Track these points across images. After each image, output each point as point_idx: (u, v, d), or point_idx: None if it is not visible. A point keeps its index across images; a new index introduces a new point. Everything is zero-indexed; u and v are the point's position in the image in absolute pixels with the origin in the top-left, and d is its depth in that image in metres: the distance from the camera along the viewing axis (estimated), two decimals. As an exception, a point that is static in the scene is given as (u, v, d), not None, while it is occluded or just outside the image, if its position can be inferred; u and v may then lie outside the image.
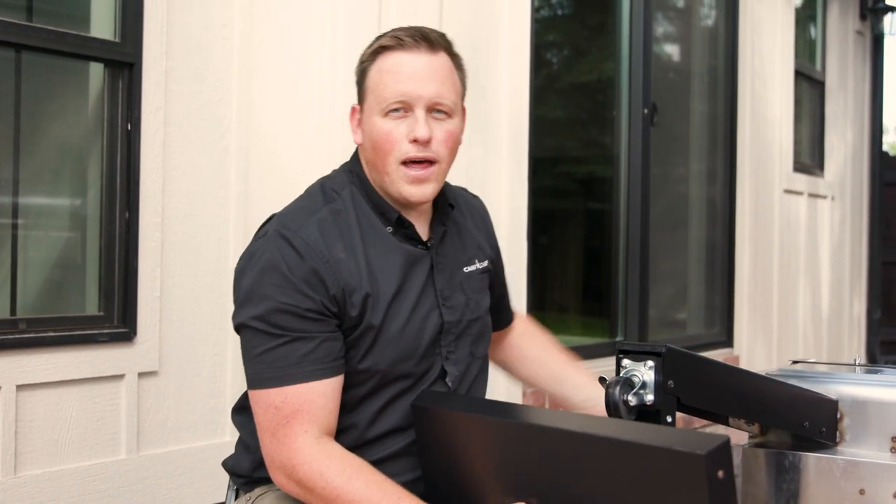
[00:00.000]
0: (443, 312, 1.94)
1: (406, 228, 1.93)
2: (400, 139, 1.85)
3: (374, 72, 1.89)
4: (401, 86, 1.85)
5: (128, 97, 3.01)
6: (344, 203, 1.91)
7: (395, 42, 1.87)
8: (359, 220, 1.90)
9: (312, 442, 1.77)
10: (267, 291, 1.79)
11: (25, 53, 2.87)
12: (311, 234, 1.83)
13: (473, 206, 2.15)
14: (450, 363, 1.95)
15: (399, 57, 1.87)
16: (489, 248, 2.13)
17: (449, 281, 1.97)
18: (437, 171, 1.90)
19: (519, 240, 4.10)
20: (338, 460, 1.77)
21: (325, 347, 1.80)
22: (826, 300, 7.31)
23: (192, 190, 3.16)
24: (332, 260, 1.81)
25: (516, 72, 4.09)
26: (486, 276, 2.09)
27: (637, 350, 1.79)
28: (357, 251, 1.85)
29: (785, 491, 2.06)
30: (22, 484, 2.76)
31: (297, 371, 1.77)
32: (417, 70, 1.86)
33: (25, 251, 2.93)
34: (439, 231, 1.98)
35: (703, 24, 6.22)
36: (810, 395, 2.05)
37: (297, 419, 1.77)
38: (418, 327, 1.90)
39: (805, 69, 7.10)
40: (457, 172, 3.75)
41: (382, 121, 1.86)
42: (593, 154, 5.71)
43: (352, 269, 1.83)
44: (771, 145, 6.33)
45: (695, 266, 6.12)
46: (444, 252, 1.99)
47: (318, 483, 1.75)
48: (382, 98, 1.86)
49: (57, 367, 2.83)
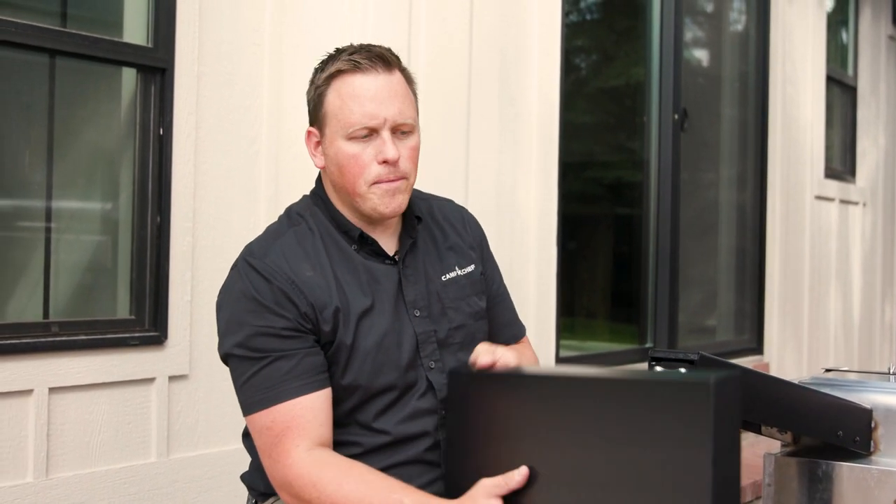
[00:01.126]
0: (415, 325, 1.94)
1: (370, 245, 1.95)
2: (369, 162, 1.89)
3: (333, 96, 1.90)
4: (365, 109, 1.87)
5: (160, 102, 3.03)
6: (308, 225, 1.95)
7: (350, 66, 1.89)
8: (324, 240, 1.94)
9: (304, 455, 1.79)
10: (243, 318, 1.85)
11: (59, 59, 2.89)
12: (275, 258, 1.88)
13: (454, 216, 2.14)
14: (434, 373, 1.95)
15: (357, 80, 1.89)
16: (477, 254, 2.11)
17: (424, 292, 1.98)
18: (406, 184, 1.94)
19: (548, 245, 4.09)
20: (329, 467, 1.78)
21: (306, 363, 1.83)
22: (857, 307, 7.25)
23: (223, 194, 3.17)
24: (297, 280, 1.85)
25: (546, 77, 4.09)
26: (475, 281, 2.07)
27: (670, 357, 1.78)
28: (325, 269, 1.89)
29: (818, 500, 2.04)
30: (53, 486, 2.78)
31: (282, 389, 1.81)
32: (378, 92, 1.88)
33: (58, 255, 2.95)
34: (406, 244, 1.99)
35: (734, 29, 6.19)
36: (844, 403, 2.03)
37: (287, 436, 1.80)
38: (394, 341, 1.91)
39: (836, 74, 7.05)
40: (487, 177, 3.77)
41: (348, 144, 1.89)
42: (623, 159, 5.69)
43: (321, 286, 1.87)
44: (802, 151, 6.29)
45: (724, 272, 6.09)
46: (415, 264, 2.00)
47: (312, 494, 1.77)
48: (348, 123, 1.88)
49: (88, 370, 2.85)
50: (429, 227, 2.07)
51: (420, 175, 2.03)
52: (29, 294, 2.89)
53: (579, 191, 5.45)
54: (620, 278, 5.67)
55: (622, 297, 5.60)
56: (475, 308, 2.04)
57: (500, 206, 3.82)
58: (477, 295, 2.06)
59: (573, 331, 5.22)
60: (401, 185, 1.92)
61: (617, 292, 5.70)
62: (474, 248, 2.11)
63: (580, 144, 5.28)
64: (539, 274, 4.01)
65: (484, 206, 3.68)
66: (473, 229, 2.15)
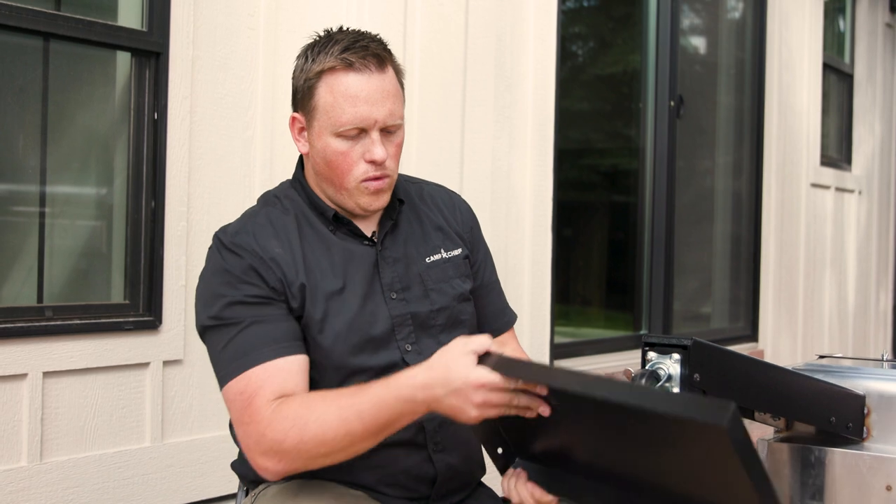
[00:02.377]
0: (390, 307, 1.94)
1: (347, 225, 1.97)
2: (357, 160, 1.90)
3: (325, 91, 1.90)
4: (357, 110, 1.88)
5: (154, 86, 3.02)
6: (283, 206, 1.98)
7: (344, 64, 1.89)
8: (297, 221, 1.96)
9: (273, 405, 1.75)
10: (217, 291, 1.86)
11: (53, 42, 2.88)
12: (244, 235, 1.90)
13: (443, 199, 2.14)
14: (412, 355, 1.94)
15: (351, 80, 1.89)
16: (466, 239, 2.11)
17: (404, 274, 1.98)
18: (390, 182, 1.96)
19: (544, 232, 4.09)
20: (295, 403, 1.74)
21: (280, 328, 1.83)
22: (852, 295, 7.26)
23: (218, 179, 3.17)
24: (265, 257, 1.87)
25: (542, 63, 4.08)
26: (460, 264, 2.07)
27: (663, 343, 1.78)
28: (293, 246, 1.91)
29: (810, 486, 2.04)
30: (48, 470, 2.78)
31: (256, 355, 1.79)
32: (371, 94, 1.88)
33: (52, 239, 2.95)
34: (387, 225, 2.00)
35: (731, 17, 6.18)
36: (837, 390, 2.03)
37: (258, 396, 1.77)
38: (366, 321, 1.91)
39: (833, 62, 7.04)
40: (482, 164, 3.76)
41: (336, 141, 1.90)
42: (619, 146, 5.69)
43: (288, 262, 1.88)
44: (798, 139, 6.29)
45: (720, 260, 6.09)
46: (395, 245, 2.00)
47: (287, 437, 1.72)
48: (338, 122, 1.89)
49: (82, 354, 2.85)
50: (415, 209, 2.07)
51: (415, 161, 2.04)
52: (23, 278, 2.89)
53: (575, 178, 5.44)
54: (615, 265, 5.67)
55: (617, 284, 5.61)
56: (459, 290, 2.04)
57: (496, 193, 3.82)
58: (461, 278, 2.05)
59: (568, 317, 5.23)
60: (386, 183, 1.94)
61: (612, 279, 5.70)
62: (462, 234, 2.11)
63: (576, 131, 5.27)
64: (534, 261, 4.01)
65: (479, 192, 3.68)
66: (464, 215, 2.15)
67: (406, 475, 1.94)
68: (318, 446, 1.71)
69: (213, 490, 3.14)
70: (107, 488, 2.90)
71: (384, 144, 1.91)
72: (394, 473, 1.93)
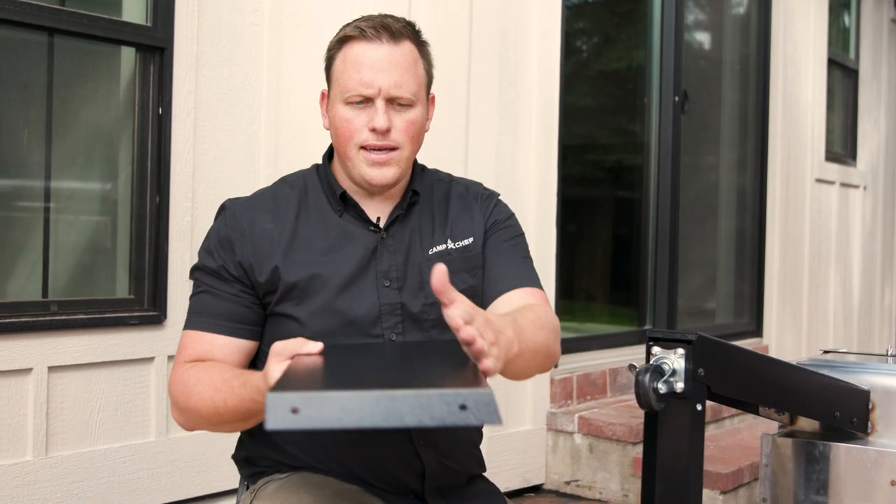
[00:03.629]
0: (380, 294, 1.94)
1: (354, 208, 1.97)
2: (360, 127, 1.92)
3: (339, 61, 1.94)
4: (361, 76, 1.90)
5: (159, 81, 3.03)
6: (294, 185, 2.02)
7: (357, 32, 1.92)
8: (300, 198, 1.99)
9: (183, 367, 1.88)
10: (201, 252, 1.98)
11: (58, 37, 2.89)
12: (242, 205, 1.98)
13: (461, 192, 2.11)
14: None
15: (360, 47, 1.92)
16: (479, 229, 2.06)
17: (402, 263, 1.97)
18: (397, 156, 1.94)
19: (548, 227, 4.09)
20: (193, 370, 1.85)
21: (225, 306, 1.92)
22: (857, 290, 7.25)
23: (222, 174, 3.17)
24: (248, 230, 1.94)
25: (546, 59, 4.08)
26: (470, 256, 2.03)
27: (667, 338, 1.78)
28: (286, 223, 1.96)
29: (815, 481, 2.04)
30: (53, 464, 2.78)
31: (197, 320, 1.93)
32: (378, 61, 1.90)
33: (57, 234, 2.95)
34: (395, 214, 2.00)
35: (735, 12, 6.17)
36: (842, 385, 2.03)
37: (180, 354, 1.91)
38: (347, 305, 1.92)
39: (838, 58, 7.03)
40: (487, 159, 3.76)
41: (344, 108, 1.92)
42: (623, 142, 5.68)
43: (272, 238, 1.93)
44: (803, 134, 6.28)
45: (724, 255, 6.09)
46: (400, 235, 2.00)
47: (178, 400, 1.85)
48: (345, 88, 1.91)
49: (87, 349, 2.85)
50: (432, 205, 2.05)
51: (419, 157, 2.03)
52: (28, 273, 2.89)
53: (579, 173, 5.44)
54: (620, 261, 5.67)
55: (621, 280, 5.60)
56: (461, 286, 1.96)
57: (500, 188, 3.79)
58: (469, 271, 2.02)
59: (572, 313, 5.22)
60: (392, 156, 1.92)
61: (616, 275, 5.69)
62: (483, 225, 2.06)
63: (580, 127, 5.27)
64: (538, 256, 4.00)
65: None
66: (487, 205, 2.09)
67: (395, 469, 1.94)
68: (198, 416, 1.83)
69: (218, 484, 3.14)
70: (112, 483, 2.91)
71: (391, 117, 1.91)
72: (384, 467, 1.93)
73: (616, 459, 4.01)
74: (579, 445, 4.09)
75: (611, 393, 4.49)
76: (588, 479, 4.07)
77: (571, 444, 4.11)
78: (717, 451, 4.04)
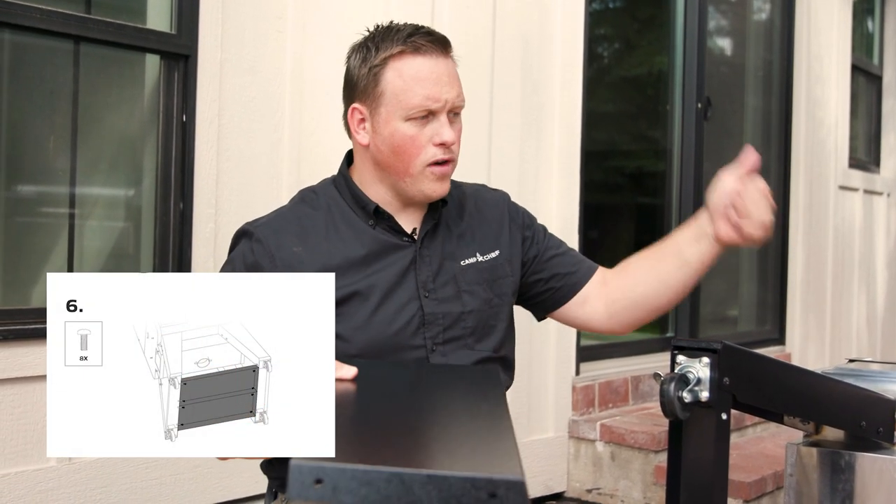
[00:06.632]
0: (423, 304, 1.94)
1: (387, 220, 1.97)
2: (425, 143, 1.91)
3: (393, 76, 1.91)
4: (428, 91, 1.90)
5: (183, 89, 3.04)
6: (318, 201, 1.99)
7: (412, 48, 1.91)
8: (329, 216, 1.96)
9: None
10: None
11: (84, 45, 2.90)
12: (266, 230, 1.94)
13: (488, 200, 2.13)
14: (437, 355, 1.94)
15: (419, 62, 1.91)
16: (508, 238, 2.10)
17: (438, 273, 1.98)
18: (453, 167, 1.97)
19: (570, 234, 4.09)
20: None
21: None
22: (881, 298, 7.20)
23: (246, 181, 3.18)
24: (277, 255, 1.90)
25: (569, 65, 4.07)
26: (498, 265, 2.06)
27: (692, 346, 1.77)
28: (316, 245, 1.92)
29: (840, 491, 2.03)
30: (76, 470, 2.80)
31: None
32: (441, 76, 1.92)
33: (81, 240, 2.97)
34: (429, 224, 2.00)
35: (758, 18, 6.15)
36: (867, 394, 2.02)
37: None
38: (391, 317, 1.91)
39: (862, 64, 6.99)
40: (510, 166, 3.76)
41: (405, 125, 1.91)
42: (645, 148, 5.67)
43: (302, 263, 1.90)
44: (826, 141, 6.24)
45: (747, 262, 6.06)
46: (435, 245, 2.00)
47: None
48: (410, 105, 1.90)
49: (111, 355, 2.86)
50: (455, 212, 2.07)
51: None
52: (53, 279, 2.91)
53: (601, 180, 5.43)
54: (642, 268, 5.64)
55: (644, 287, 5.58)
56: (492, 294, 2.03)
57: (523, 195, 3.82)
58: (489, 283, 2.04)
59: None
60: (451, 168, 1.95)
61: (638, 282, 5.67)
62: (515, 235, 2.10)
63: (603, 133, 5.26)
64: (560, 263, 4.00)
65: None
66: (514, 213, 2.13)
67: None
68: None
69: (241, 490, 3.15)
70: (135, 489, 2.92)
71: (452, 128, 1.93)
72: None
73: (638, 467, 3.99)
74: (601, 453, 4.08)
75: (633, 401, 4.47)
76: (610, 487, 4.06)
77: (593, 451, 4.10)
78: (740, 460, 4.02)
